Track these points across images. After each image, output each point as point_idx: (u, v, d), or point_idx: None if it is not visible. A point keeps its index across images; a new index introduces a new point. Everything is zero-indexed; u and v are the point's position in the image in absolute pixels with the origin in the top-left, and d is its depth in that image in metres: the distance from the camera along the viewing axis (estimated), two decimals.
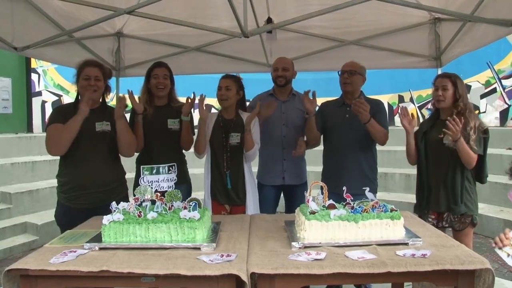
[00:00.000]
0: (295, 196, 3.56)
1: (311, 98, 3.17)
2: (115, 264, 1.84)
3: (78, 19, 3.48)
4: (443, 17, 3.87)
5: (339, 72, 3.34)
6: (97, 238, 2.13)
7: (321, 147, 3.56)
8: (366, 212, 2.15)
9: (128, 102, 3.00)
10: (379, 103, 3.39)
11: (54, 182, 2.98)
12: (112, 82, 4.31)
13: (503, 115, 7.88)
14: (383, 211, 2.16)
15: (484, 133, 2.89)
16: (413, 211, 3.15)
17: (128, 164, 3.20)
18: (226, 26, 3.35)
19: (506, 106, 7.85)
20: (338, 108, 3.36)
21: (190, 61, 4.40)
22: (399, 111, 3.13)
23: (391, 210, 2.18)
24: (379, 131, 3.16)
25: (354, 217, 2.10)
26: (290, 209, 3.60)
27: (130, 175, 3.02)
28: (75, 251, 2.02)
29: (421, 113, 8.65)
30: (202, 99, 3.09)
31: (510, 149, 6.62)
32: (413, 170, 3.35)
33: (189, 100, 3.17)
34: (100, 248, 2.05)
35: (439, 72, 4.03)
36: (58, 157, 2.91)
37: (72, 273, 1.82)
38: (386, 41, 4.15)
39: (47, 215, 5.50)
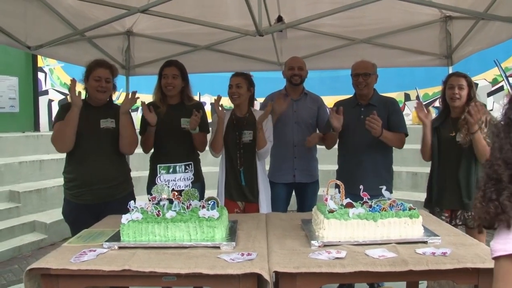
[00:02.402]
0: (306, 194, 3.57)
1: (338, 115, 3.09)
2: (136, 263, 1.84)
3: (88, 17, 3.49)
4: (455, 15, 3.85)
5: (352, 74, 3.24)
6: (116, 237, 2.13)
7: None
8: (385, 210, 2.15)
9: (138, 102, 2.97)
10: (394, 102, 3.34)
11: (62, 180, 2.97)
12: (122, 80, 4.34)
13: None
14: (401, 210, 2.16)
15: None
16: (423, 206, 3.16)
17: (142, 162, 3.20)
18: (236, 24, 3.34)
19: None
20: (352, 108, 3.25)
21: (200, 59, 4.38)
22: (415, 105, 3.18)
23: (409, 209, 2.18)
24: (393, 140, 3.13)
25: (373, 215, 2.09)
26: (301, 207, 3.60)
27: (143, 173, 3.03)
28: (94, 250, 2.02)
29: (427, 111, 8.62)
30: (218, 99, 3.08)
31: None
32: (420, 168, 3.36)
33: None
34: (120, 247, 2.05)
35: (450, 70, 4.02)
36: (65, 155, 2.91)
37: (94, 272, 1.82)
38: (397, 39, 4.14)
39: (56, 214, 5.49)
